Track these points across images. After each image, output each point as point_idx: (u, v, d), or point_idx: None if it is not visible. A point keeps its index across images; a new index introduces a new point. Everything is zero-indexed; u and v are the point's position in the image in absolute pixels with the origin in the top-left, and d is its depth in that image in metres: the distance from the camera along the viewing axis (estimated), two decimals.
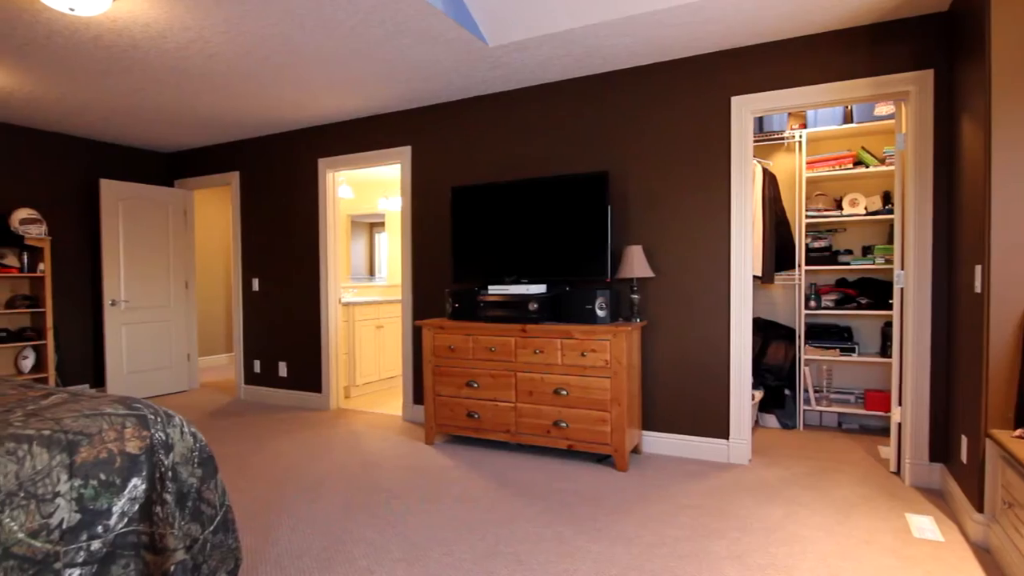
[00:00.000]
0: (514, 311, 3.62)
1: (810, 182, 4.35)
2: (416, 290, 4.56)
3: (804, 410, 4.22)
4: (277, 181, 5.26)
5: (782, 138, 4.32)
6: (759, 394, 4.13)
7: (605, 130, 3.81)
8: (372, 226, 7.56)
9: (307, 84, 3.99)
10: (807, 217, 4.20)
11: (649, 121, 3.67)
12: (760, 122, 4.35)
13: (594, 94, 3.83)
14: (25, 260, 4.74)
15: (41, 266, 4.78)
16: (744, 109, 3.42)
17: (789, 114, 4.35)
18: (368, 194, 7.36)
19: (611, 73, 3.77)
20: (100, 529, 1.59)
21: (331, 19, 3.03)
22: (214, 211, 7.55)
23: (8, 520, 1.43)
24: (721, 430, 3.50)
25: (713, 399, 3.52)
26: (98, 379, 5.44)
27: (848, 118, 4.16)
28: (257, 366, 5.42)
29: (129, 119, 4.77)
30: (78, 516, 1.55)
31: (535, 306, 3.54)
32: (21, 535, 1.45)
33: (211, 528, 1.86)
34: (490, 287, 3.77)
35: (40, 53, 3.41)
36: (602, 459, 3.51)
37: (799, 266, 4.22)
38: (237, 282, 5.52)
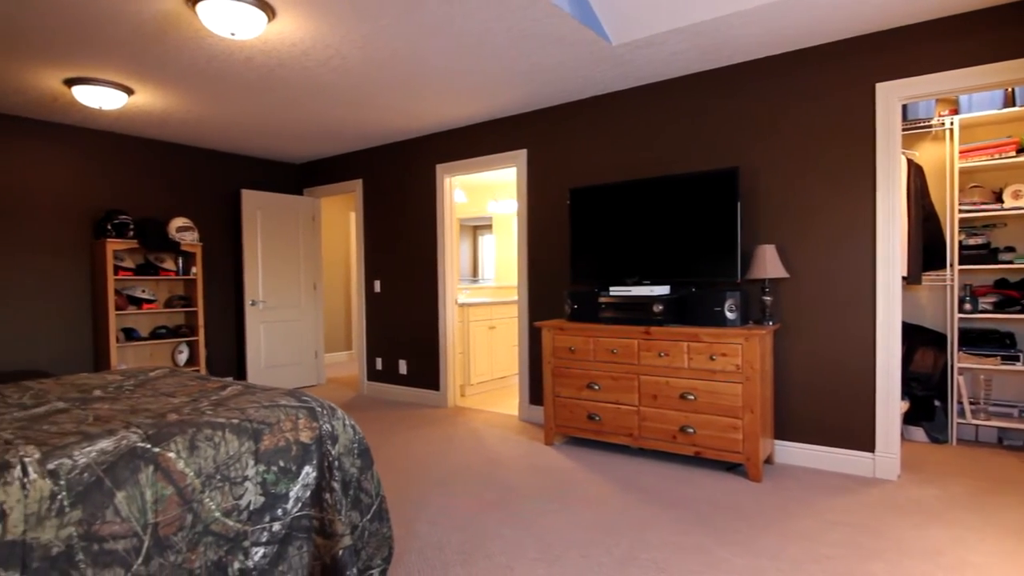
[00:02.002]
0: (636, 313, 3.56)
1: (963, 173, 3.95)
2: (531, 291, 4.59)
3: (958, 423, 3.85)
4: (397, 187, 5.50)
5: (929, 126, 3.96)
6: (905, 404, 3.80)
7: (731, 125, 3.66)
8: (476, 228, 7.74)
9: (430, 93, 4.13)
10: (960, 212, 3.83)
11: (781, 113, 3.49)
12: (903, 110, 4.02)
13: (719, 88, 3.69)
14: (180, 264, 5.24)
15: (194, 269, 5.27)
16: (891, 96, 3.17)
17: (937, 100, 3.99)
18: (476, 197, 7.53)
19: (738, 65, 3.62)
20: (280, 512, 1.72)
21: (460, 30, 3.12)
22: (335, 216, 8.01)
23: (208, 500, 1.58)
24: (865, 442, 3.26)
25: (855, 408, 3.28)
26: (239, 373, 5.91)
27: (1009, 101, 3.75)
28: (379, 363, 5.68)
29: (267, 134, 5.15)
30: (262, 499, 1.69)
31: (659, 308, 3.46)
32: (218, 514, 1.59)
33: (368, 516, 1.96)
34: (610, 288, 3.73)
35: (199, 76, 3.76)
36: (732, 467, 3.37)
37: (951, 265, 3.85)
38: (360, 284, 5.82)
